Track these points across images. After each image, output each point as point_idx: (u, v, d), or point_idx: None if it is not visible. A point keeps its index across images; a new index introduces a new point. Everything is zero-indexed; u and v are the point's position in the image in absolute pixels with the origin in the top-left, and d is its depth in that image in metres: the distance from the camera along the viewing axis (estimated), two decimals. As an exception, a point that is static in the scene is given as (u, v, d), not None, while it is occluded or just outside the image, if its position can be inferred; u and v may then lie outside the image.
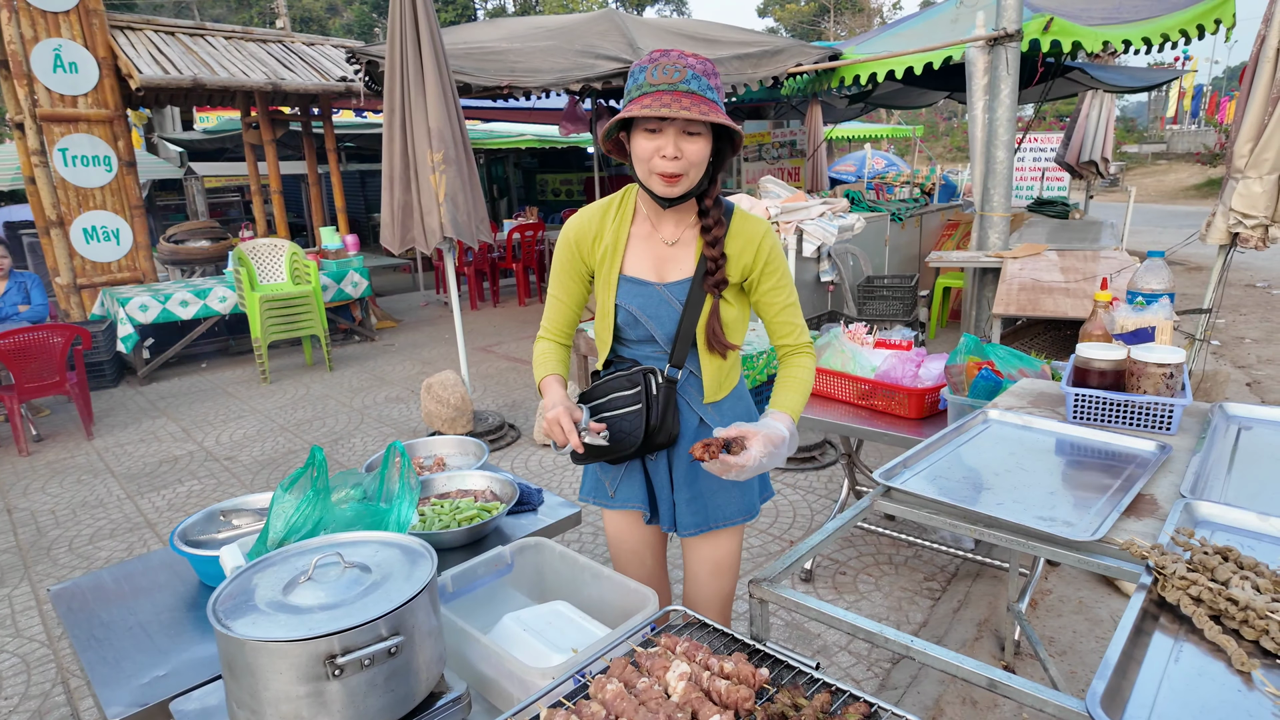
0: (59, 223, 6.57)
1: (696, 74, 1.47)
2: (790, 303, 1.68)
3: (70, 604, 1.83)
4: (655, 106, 1.43)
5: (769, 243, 1.65)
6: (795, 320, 1.70)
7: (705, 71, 1.49)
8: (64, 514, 3.97)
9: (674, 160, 1.48)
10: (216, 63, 7.13)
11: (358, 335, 7.78)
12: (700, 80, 1.47)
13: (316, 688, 1.16)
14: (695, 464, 1.73)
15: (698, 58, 1.50)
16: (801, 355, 1.71)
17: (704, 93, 1.46)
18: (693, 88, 1.46)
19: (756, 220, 1.66)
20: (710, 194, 1.61)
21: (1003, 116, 4.96)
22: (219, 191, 13.37)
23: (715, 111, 1.45)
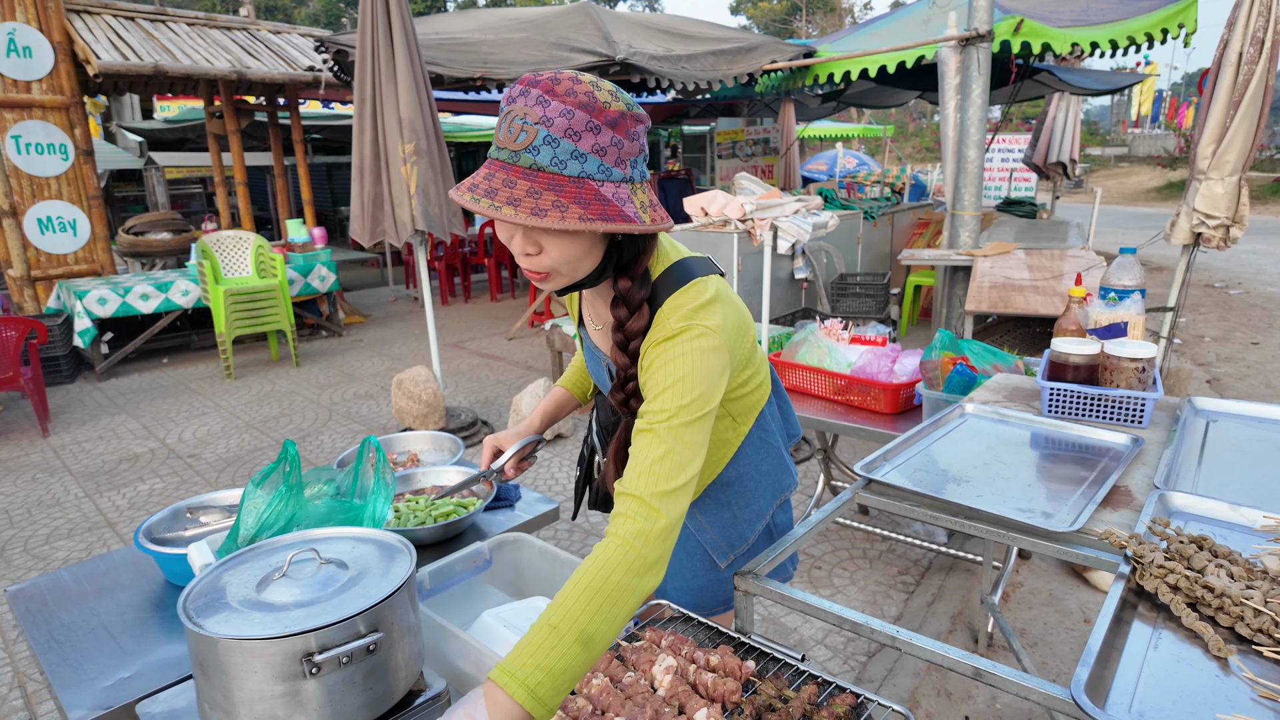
0: (11, 212, 6.35)
1: (553, 136, 0.96)
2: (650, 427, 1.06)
3: (28, 605, 1.77)
4: (479, 192, 0.98)
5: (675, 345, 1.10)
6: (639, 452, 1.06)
7: (570, 129, 0.96)
8: (18, 514, 3.83)
9: (529, 257, 1.06)
10: (179, 49, 6.95)
11: (325, 330, 7.65)
12: (559, 146, 0.97)
13: (292, 686, 1.12)
14: None
15: (569, 100, 0.97)
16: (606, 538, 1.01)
17: (560, 167, 0.97)
18: (540, 160, 0.97)
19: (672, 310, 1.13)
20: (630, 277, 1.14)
21: (974, 116, 5.03)
22: (180, 183, 13.04)
23: (569, 205, 0.96)
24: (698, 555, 1.45)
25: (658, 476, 1.02)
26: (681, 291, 1.15)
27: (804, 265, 5.69)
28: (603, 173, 0.99)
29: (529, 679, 0.89)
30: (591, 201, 0.98)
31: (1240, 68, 3.60)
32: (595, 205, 0.98)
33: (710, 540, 1.43)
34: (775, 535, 1.49)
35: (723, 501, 1.41)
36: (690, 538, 1.44)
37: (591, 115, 0.97)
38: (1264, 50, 3.55)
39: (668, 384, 1.08)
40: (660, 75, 5.31)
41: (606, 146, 0.99)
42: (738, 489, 1.41)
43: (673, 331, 1.11)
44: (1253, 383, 5.49)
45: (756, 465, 1.40)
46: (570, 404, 1.64)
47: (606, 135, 0.98)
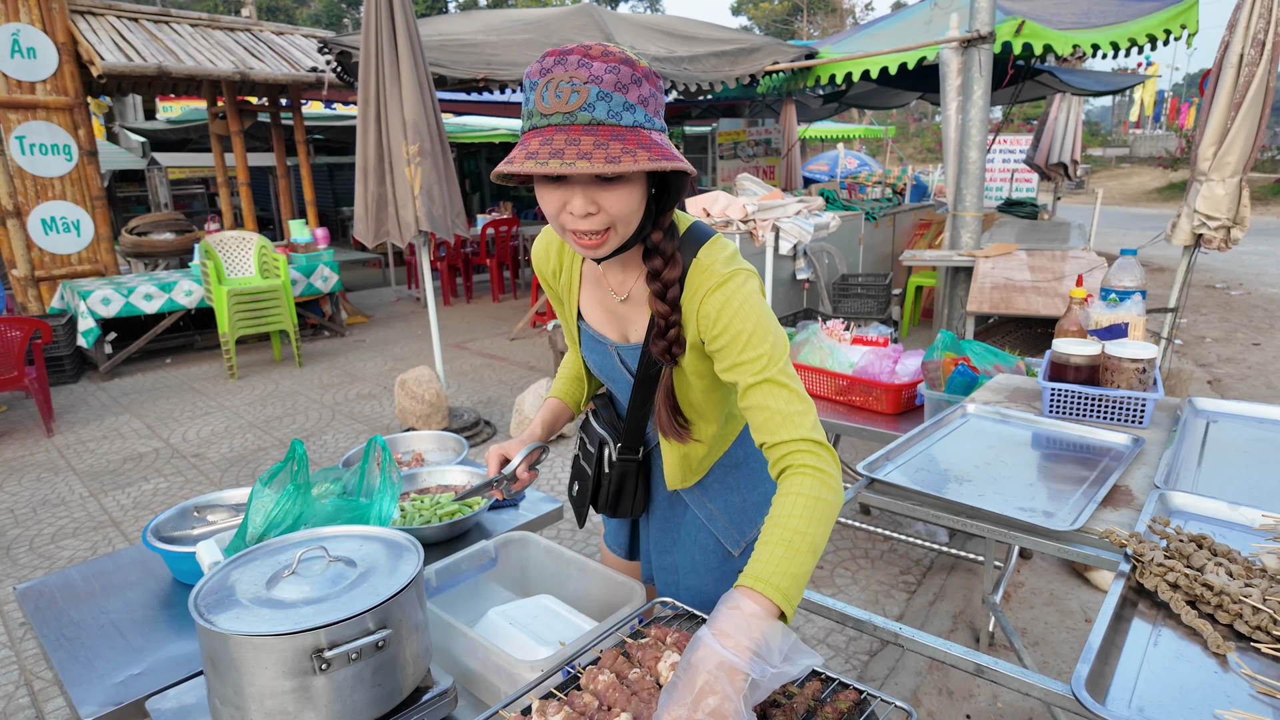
0: (15, 213, 6.37)
1: (605, 91, 1.00)
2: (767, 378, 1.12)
3: (38, 603, 1.78)
4: (544, 155, 0.99)
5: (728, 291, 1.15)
6: (774, 404, 1.12)
7: (618, 83, 1.01)
8: (23, 513, 3.85)
9: (587, 218, 1.08)
10: (182, 50, 6.97)
11: (328, 331, 7.67)
12: (611, 99, 1.01)
13: (303, 682, 1.14)
14: (669, 532, 1.49)
15: (608, 59, 1.01)
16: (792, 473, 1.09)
17: (616, 119, 1.01)
18: (598, 115, 1.00)
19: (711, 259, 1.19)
20: (660, 227, 1.18)
21: (975, 117, 5.04)
22: (183, 183, 13.07)
23: (636, 150, 1.00)
24: (710, 548, 1.44)
25: (802, 416, 1.11)
26: (711, 243, 1.21)
27: (806, 266, 5.70)
28: (648, 121, 1.05)
29: (780, 583, 0.98)
30: (651, 146, 1.02)
31: (1241, 69, 3.61)
32: (655, 149, 1.02)
33: (722, 529, 1.43)
34: None
35: (731, 485, 1.42)
36: (702, 529, 1.44)
37: (634, 69, 1.03)
38: (1265, 52, 3.57)
39: (750, 330, 1.13)
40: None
41: (648, 98, 1.04)
42: (745, 471, 1.42)
43: (722, 278, 1.15)
44: (1254, 384, 5.50)
45: None
46: (565, 415, 1.61)
47: (646, 88, 1.04)
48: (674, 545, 1.49)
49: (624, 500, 1.48)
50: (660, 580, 1.55)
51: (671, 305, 1.20)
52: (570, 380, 1.61)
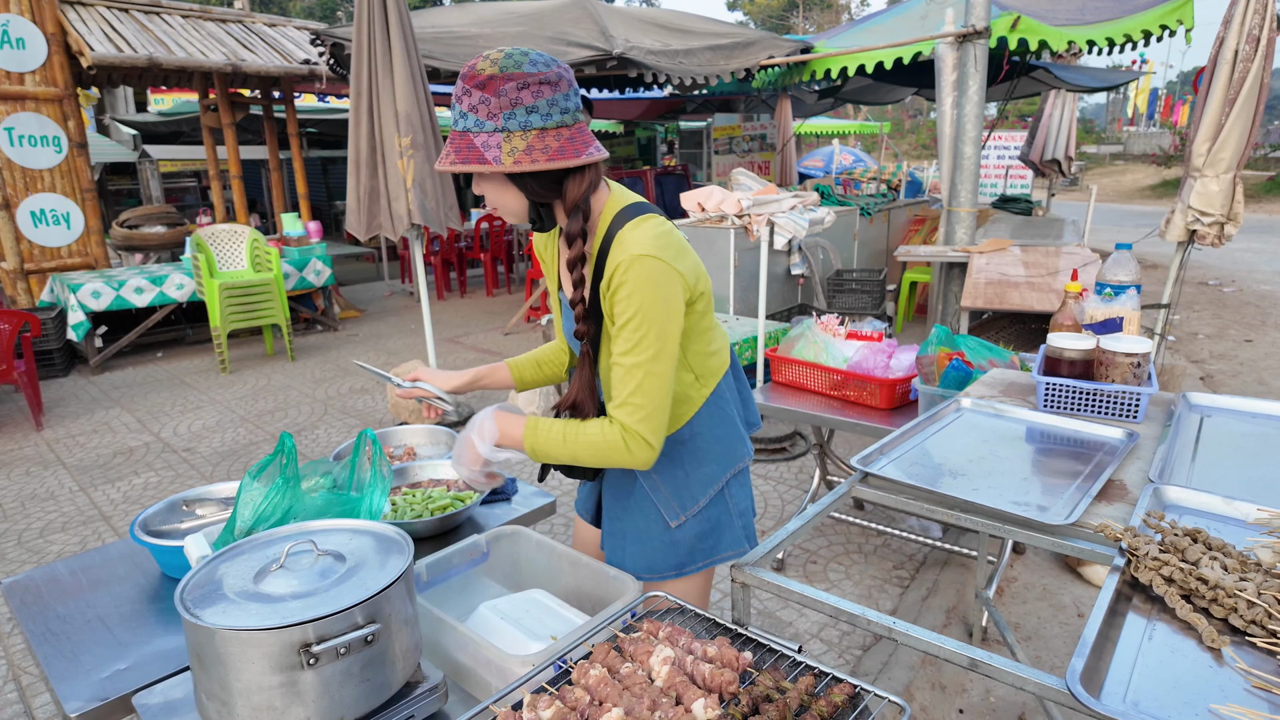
0: (4, 205, 6.31)
1: (455, 103, 1.24)
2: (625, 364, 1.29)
3: (23, 598, 1.76)
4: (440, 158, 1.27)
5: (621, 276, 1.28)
6: (621, 386, 1.30)
7: (458, 95, 1.23)
8: (12, 507, 3.82)
9: (487, 199, 1.33)
10: (173, 42, 6.91)
11: (320, 325, 7.63)
12: (455, 109, 1.24)
13: (290, 677, 1.12)
14: (621, 499, 1.58)
15: (474, 78, 1.20)
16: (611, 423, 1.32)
17: (454, 125, 1.24)
18: (464, 125, 1.23)
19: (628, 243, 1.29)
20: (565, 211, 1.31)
21: (970, 113, 5.04)
22: (175, 176, 12.98)
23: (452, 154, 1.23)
24: (652, 515, 1.52)
25: (633, 407, 1.29)
26: (637, 222, 1.32)
27: (800, 261, 5.70)
28: (477, 125, 1.22)
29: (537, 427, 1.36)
30: (463, 149, 1.23)
31: (1236, 65, 3.61)
32: (463, 152, 1.22)
33: (663, 499, 1.51)
34: (730, 506, 1.54)
35: (676, 460, 1.49)
36: (645, 497, 1.52)
37: (465, 81, 1.22)
38: (1259, 48, 3.57)
39: (630, 315, 1.28)
40: (657, 70, 5.30)
41: (477, 105, 1.21)
42: (691, 448, 1.49)
43: (631, 258, 1.27)
44: (1246, 380, 5.52)
45: (711, 429, 1.50)
46: (503, 380, 1.73)
47: (476, 95, 1.21)
48: (624, 513, 1.57)
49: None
50: (608, 545, 1.63)
51: (576, 284, 1.34)
52: (531, 361, 1.75)
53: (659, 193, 9.64)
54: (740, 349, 4.33)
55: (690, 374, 1.44)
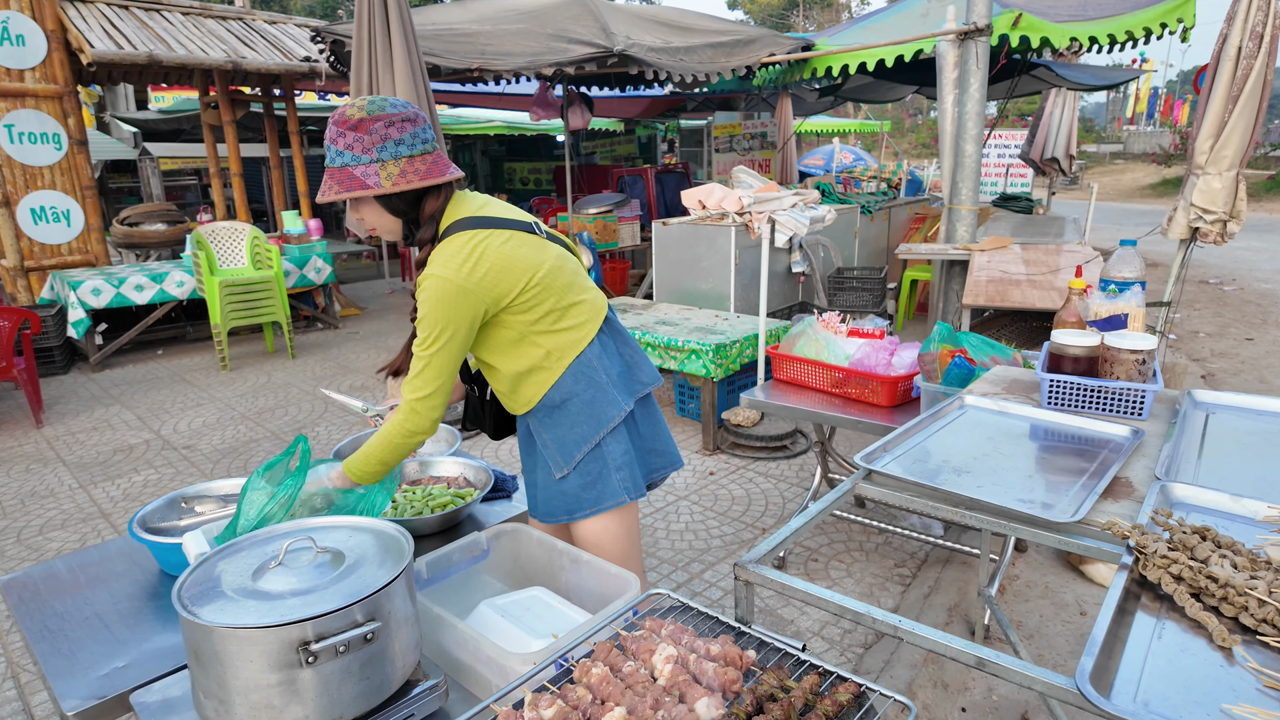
0: (4, 202, 6.29)
1: (329, 144, 1.54)
2: (415, 351, 1.60)
3: (21, 595, 1.75)
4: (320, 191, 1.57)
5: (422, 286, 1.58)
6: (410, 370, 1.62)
7: (332, 138, 1.53)
8: (11, 504, 3.81)
9: (361, 222, 1.64)
10: (174, 39, 6.89)
11: (320, 323, 7.62)
12: (330, 150, 1.53)
13: (289, 675, 1.11)
14: (529, 456, 1.86)
15: (332, 120, 1.53)
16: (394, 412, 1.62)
17: (332, 162, 1.53)
18: (329, 161, 1.54)
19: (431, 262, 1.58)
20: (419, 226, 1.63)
21: (972, 111, 5.02)
22: (175, 174, 12.95)
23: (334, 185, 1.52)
24: (544, 468, 1.80)
25: (413, 386, 1.59)
26: (447, 241, 1.58)
27: (801, 259, 5.68)
28: (354, 160, 1.51)
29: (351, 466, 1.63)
30: (344, 180, 1.52)
31: (1239, 62, 3.59)
32: (346, 182, 1.52)
33: (551, 455, 1.77)
34: (607, 459, 1.76)
35: (555, 422, 1.75)
36: (538, 453, 1.81)
37: (338, 125, 1.52)
38: (1263, 45, 3.55)
39: (421, 316, 1.57)
40: (658, 67, 5.28)
41: (352, 143, 1.51)
42: (563, 411, 1.74)
43: (425, 275, 1.57)
44: (1247, 378, 5.51)
45: (578, 394, 1.72)
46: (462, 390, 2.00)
47: (350, 136, 1.51)
48: (532, 468, 1.86)
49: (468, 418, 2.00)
50: (528, 495, 1.92)
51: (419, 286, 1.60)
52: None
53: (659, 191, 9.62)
54: (741, 347, 4.32)
55: (540, 349, 1.69)
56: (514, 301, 1.62)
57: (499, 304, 1.61)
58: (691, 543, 3.33)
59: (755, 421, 4.43)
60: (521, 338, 1.68)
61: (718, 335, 4.31)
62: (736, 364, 4.31)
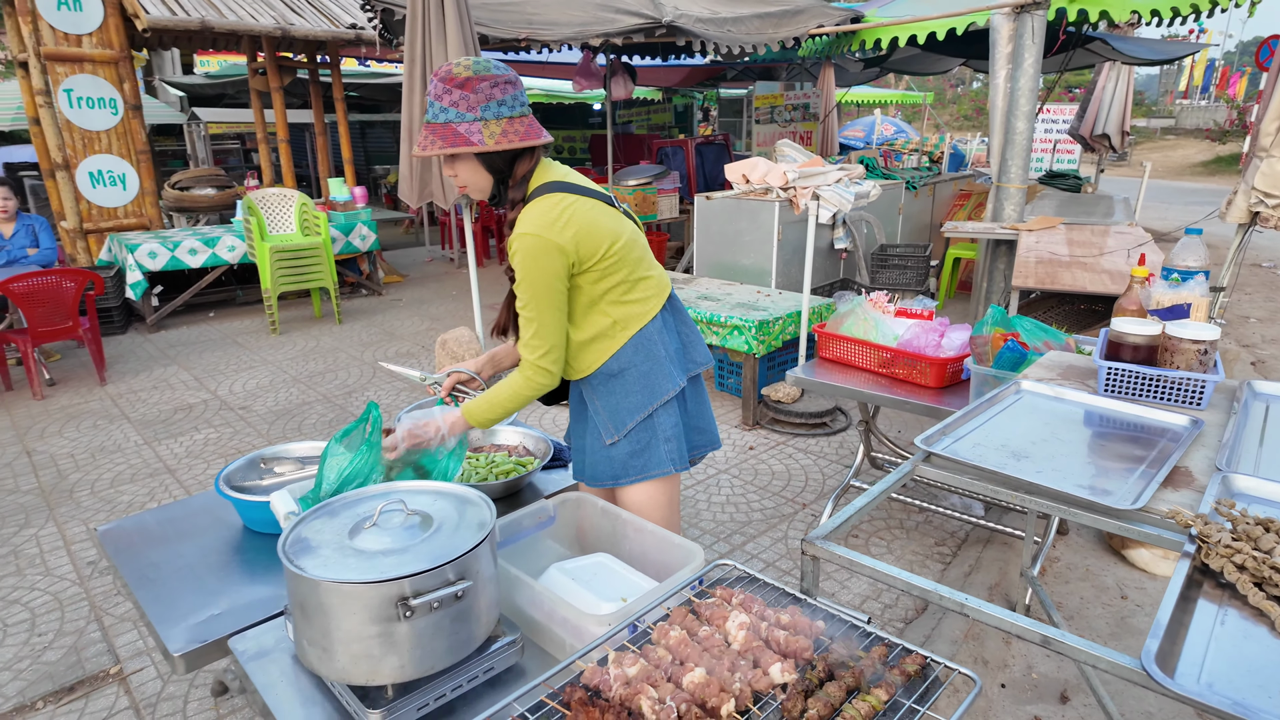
0: (64, 165, 6.48)
1: (431, 101, 1.59)
2: (524, 315, 1.68)
3: (117, 544, 1.87)
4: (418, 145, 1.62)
5: (514, 247, 1.65)
6: (523, 331, 1.70)
7: (437, 94, 1.58)
8: (83, 458, 4.00)
9: (454, 178, 1.69)
10: (224, 5, 6.97)
11: (365, 289, 7.76)
12: (433, 106, 1.59)
13: (387, 628, 1.20)
14: (580, 422, 1.92)
15: (437, 77, 1.59)
16: (516, 370, 1.74)
17: (435, 118, 1.59)
18: (430, 116, 1.60)
19: (522, 222, 1.65)
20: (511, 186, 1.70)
21: (1024, 86, 4.92)
22: (218, 138, 13.14)
23: (438, 141, 1.58)
24: (594, 434, 1.86)
25: (529, 346, 1.69)
26: (536, 202, 1.65)
27: (844, 235, 5.65)
28: (459, 117, 1.58)
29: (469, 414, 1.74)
30: (449, 136, 1.58)
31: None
32: (450, 138, 1.58)
33: (602, 421, 1.84)
34: (656, 430, 1.84)
35: (610, 390, 1.81)
36: (589, 419, 1.87)
37: (444, 82, 1.58)
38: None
39: (520, 277, 1.65)
40: (706, 38, 5.24)
41: (457, 101, 1.58)
42: (620, 380, 1.80)
43: (517, 235, 1.63)
44: (1300, 366, 5.40)
45: (636, 365, 1.79)
46: (513, 356, 2.00)
47: (456, 94, 1.57)
48: (582, 434, 1.92)
49: None
50: (574, 459, 1.97)
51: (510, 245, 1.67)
52: None
53: (699, 163, 9.55)
54: (783, 324, 4.34)
55: (608, 319, 1.76)
56: (593, 266, 1.68)
57: (580, 266, 1.68)
58: (733, 515, 3.40)
59: (795, 398, 4.46)
60: (592, 304, 1.74)
61: (760, 311, 4.33)
62: (778, 340, 4.33)
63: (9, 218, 5.28)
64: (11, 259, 5.24)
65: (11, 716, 2.28)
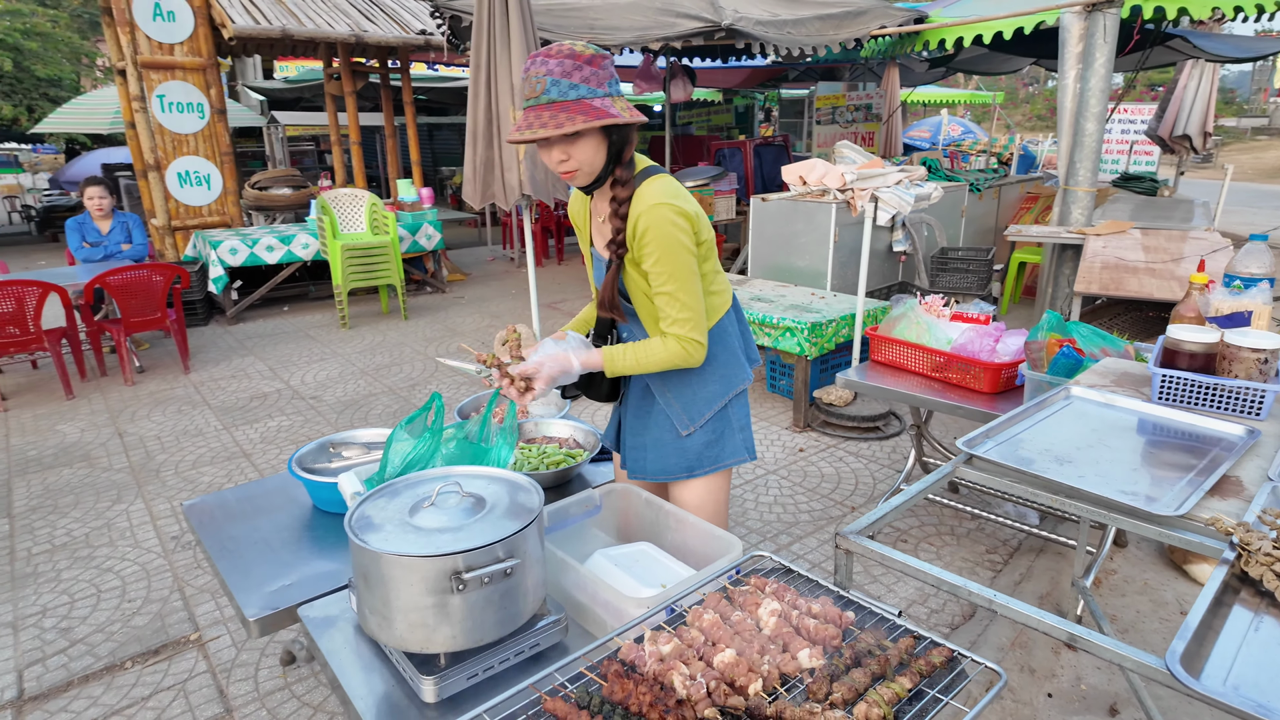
0: (156, 166, 6.90)
1: (555, 79, 1.52)
2: (666, 291, 1.65)
3: (201, 518, 2.03)
4: (523, 129, 1.55)
5: (644, 222, 1.62)
6: (667, 310, 1.67)
7: (565, 72, 1.52)
8: (168, 440, 4.28)
9: (563, 163, 1.61)
10: (303, 13, 7.31)
11: (429, 287, 8.02)
12: (560, 85, 1.52)
13: (441, 600, 1.29)
14: (642, 418, 1.91)
15: (559, 55, 1.53)
16: (664, 337, 1.70)
17: (564, 96, 1.52)
18: (552, 95, 1.53)
19: (646, 196, 1.63)
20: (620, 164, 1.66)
21: (1095, 87, 4.79)
22: (294, 140, 13.74)
23: (575, 116, 1.51)
24: (666, 426, 1.86)
25: (684, 321, 1.67)
26: (655, 179, 1.67)
27: (903, 238, 5.58)
28: (590, 93, 1.55)
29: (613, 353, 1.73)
30: (589, 110, 1.53)
31: None
32: (592, 112, 1.53)
33: (676, 413, 1.85)
34: (732, 420, 1.87)
35: (685, 380, 1.83)
36: (661, 412, 1.87)
37: (571, 59, 1.54)
38: None
39: (660, 253, 1.62)
40: (765, 40, 5.25)
41: (589, 76, 1.55)
42: (697, 370, 1.82)
43: (650, 206, 1.61)
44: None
45: (715, 356, 1.81)
46: None
47: (587, 70, 1.54)
48: (644, 429, 1.90)
49: (594, 384, 1.92)
50: (630, 459, 1.95)
51: (622, 220, 1.67)
52: (581, 319, 2.06)
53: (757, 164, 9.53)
54: (837, 326, 4.33)
55: None
56: (699, 246, 1.70)
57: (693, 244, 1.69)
58: (780, 515, 3.42)
59: (848, 401, 4.45)
60: None
61: (813, 313, 4.34)
62: (831, 343, 4.33)
63: (105, 215, 5.66)
64: (108, 254, 5.63)
65: (104, 674, 2.49)
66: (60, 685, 2.44)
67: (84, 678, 2.47)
